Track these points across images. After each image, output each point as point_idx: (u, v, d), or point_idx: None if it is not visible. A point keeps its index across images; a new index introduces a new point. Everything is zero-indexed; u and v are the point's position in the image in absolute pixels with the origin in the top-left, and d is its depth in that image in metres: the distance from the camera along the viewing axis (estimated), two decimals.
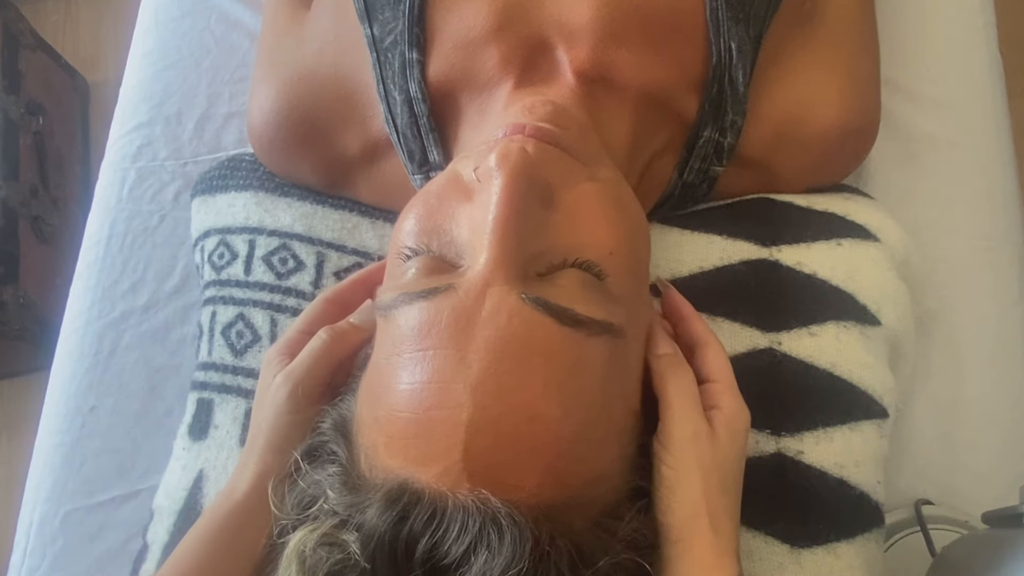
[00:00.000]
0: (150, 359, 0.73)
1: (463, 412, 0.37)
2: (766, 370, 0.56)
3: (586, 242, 0.42)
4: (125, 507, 0.69)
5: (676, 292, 0.54)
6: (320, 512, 0.41)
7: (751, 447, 0.55)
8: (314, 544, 0.39)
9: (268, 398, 0.50)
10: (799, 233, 0.60)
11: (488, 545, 0.35)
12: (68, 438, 0.71)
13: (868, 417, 0.56)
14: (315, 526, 0.40)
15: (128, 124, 0.82)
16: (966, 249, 0.70)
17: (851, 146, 0.63)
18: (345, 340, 0.50)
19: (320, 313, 0.54)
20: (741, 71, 0.55)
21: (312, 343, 0.50)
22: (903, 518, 0.63)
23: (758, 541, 0.53)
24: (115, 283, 0.76)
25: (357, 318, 0.52)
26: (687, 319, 0.52)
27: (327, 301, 0.55)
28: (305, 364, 0.49)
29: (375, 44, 0.57)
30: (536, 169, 0.42)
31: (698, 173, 0.60)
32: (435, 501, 0.37)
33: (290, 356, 0.51)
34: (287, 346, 0.52)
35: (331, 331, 0.50)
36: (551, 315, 0.38)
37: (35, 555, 0.69)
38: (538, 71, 0.54)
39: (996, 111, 0.74)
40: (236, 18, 0.85)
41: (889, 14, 0.73)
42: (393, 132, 0.59)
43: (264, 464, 0.48)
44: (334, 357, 0.50)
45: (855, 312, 0.58)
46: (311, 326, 0.53)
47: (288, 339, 0.53)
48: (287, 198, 0.66)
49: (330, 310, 0.54)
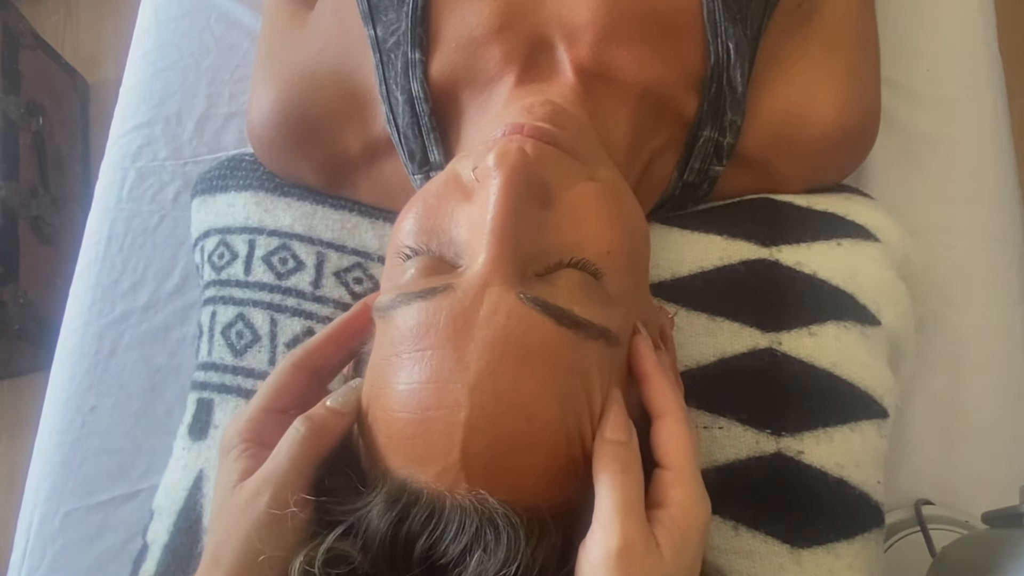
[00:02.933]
0: (150, 359, 0.73)
1: (461, 412, 0.37)
2: (766, 370, 0.56)
3: (584, 241, 0.42)
4: (125, 507, 0.69)
5: (644, 343, 0.44)
6: (322, 524, 0.40)
7: (751, 447, 0.55)
8: (321, 563, 0.37)
9: (236, 508, 0.40)
10: (799, 233, 0.60)
11: (484, 545, 0.36)
12: (68, 438, 0.71)
13: (868, 417, 0.56)
14: (318, 540, 0.38)
15: (128, 124, 0.82)
16: (966, 249, 0.70)
17: (851, 146, 0.63)
18: (326, 433, 0.41)
19: (288, 383, 0.46)
20: (739, 71, 0.56)
21: (288, 440, 0.41)
22: (903, 518, 0.64)
23: (758, 541, 0.53)
24: (115, 283, 0.76)
25: (338, 401, 0.42)
26: (647, 380, 0.43)
27: (295, 367, 0.46)
28: (282, 468, 0.40)
29: (378, 45, 0.57)
30: (534, 169, 0.42)
31: (698, 173, 0.60)
32: (433, 501, 0.37)
33: (254, 442, 0.43)
34: (250, 428, 0.43)
35: (308, 423, 0.41)
36: (549, 315, 0.38)
37: (35, 555, 0.69)
38: (539, 69, 0.54)
39: (996, 111, 0.75)
40: (236, 18, 0.85)
41: (889, 14, 0.73)
42: (394, 132, 0.59)
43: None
44: (315, 456, 0.41)
45: (855, 312, 0.58)
46: (277, 400, 0.45)
47: (251, 418, 0.44)
48: (287, 198, 0.66)
49: (299, 378, 0.46)
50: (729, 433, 0.55)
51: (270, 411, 0.44)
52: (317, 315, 0.62)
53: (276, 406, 0.45)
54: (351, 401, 0.42)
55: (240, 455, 0.42)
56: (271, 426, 0.43)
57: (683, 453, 0.40)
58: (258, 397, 0.45)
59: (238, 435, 0.43)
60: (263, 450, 0.42)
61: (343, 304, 0.63)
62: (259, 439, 0.43)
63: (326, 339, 0.47)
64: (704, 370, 0.57)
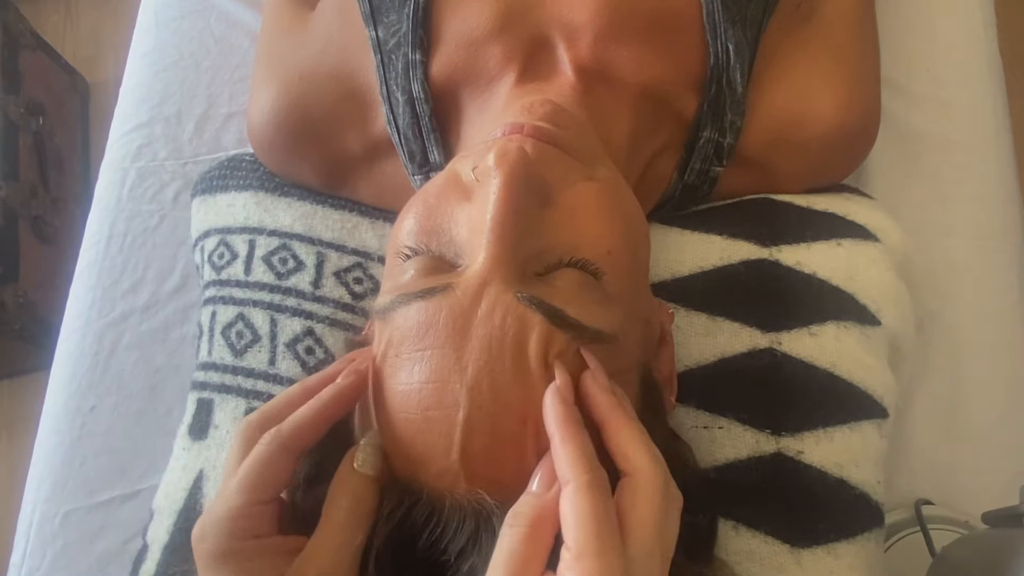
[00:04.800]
0: (150, 359, 0.73)
1: (459, 412, 0.37)
2: (766, 370, 0.56)
3: (583, 241, 0.42)
4: (125, 507, 0.69)
5: (593, 384, 0.38)
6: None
7: (751, 447, 0.55)
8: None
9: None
10: (799, 233, 0.60)
11: (480, 546, 0.36)
12: (68, 438, 0.71)
13: (868, 417, 0.56)
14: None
15: (128, 124, 0.82)
16: (966, 249, 0.70)
17: (851, 146, 0.63)
18: (365, 504, 0.38)
19: (276, 471, 0.38)
20: (739, 72, 0.56)
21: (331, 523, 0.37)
22: (903, 518, 0.64)
23: (758, 541, 0.53)
24: (115, 283, 0.76)
25: (367, 465, 0.38)
26: (607, 428, 0.37)
27: (285, 450, 0.38)
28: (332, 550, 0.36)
29: (379, 46, 0.58)
30: (534, 168, 0.42)
31: (698, 174, 0.60)
32: (433, 502, 0.37)
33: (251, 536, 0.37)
34: (244, 528, 0.37)
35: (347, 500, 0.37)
36: (544, 314, 0.38)
37: (35, 555, 0.69)
38: (539, 69, 0.54)
39: (996, 111, 0.75)
40: (236, 18, 0.85)
41: (889, 14, 0.73)
42: (395, 132, 0.59)
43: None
44: (358, 537, 0.37)
45: (855, 312, 0.58)
46: (265, 493, 0.38)
47: (240, 516, 0.37)
48: (287, 198, 0.66)
49: (288, 464, 0.39)
50: (729, 433, 0.55)
51: (258, 504, 0.37)
52: (317, 315, 0.62)
53: (264, 499, 0.38)
54: (378, 463, 0.38)
55: (252, 554, 0.37)
56: (259, 519, 0.38)
57: (591, 530, 0.32)
58: (240, 488, 0.37)
59: (232, 537, 0.37)
60: (264, 543, 0.38)
61: (343, 304, 0.63)
62: (256, 533, 0.37)
63: (317, 415, 0.39)
64: (704, 370, 0.57)
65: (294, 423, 0.39)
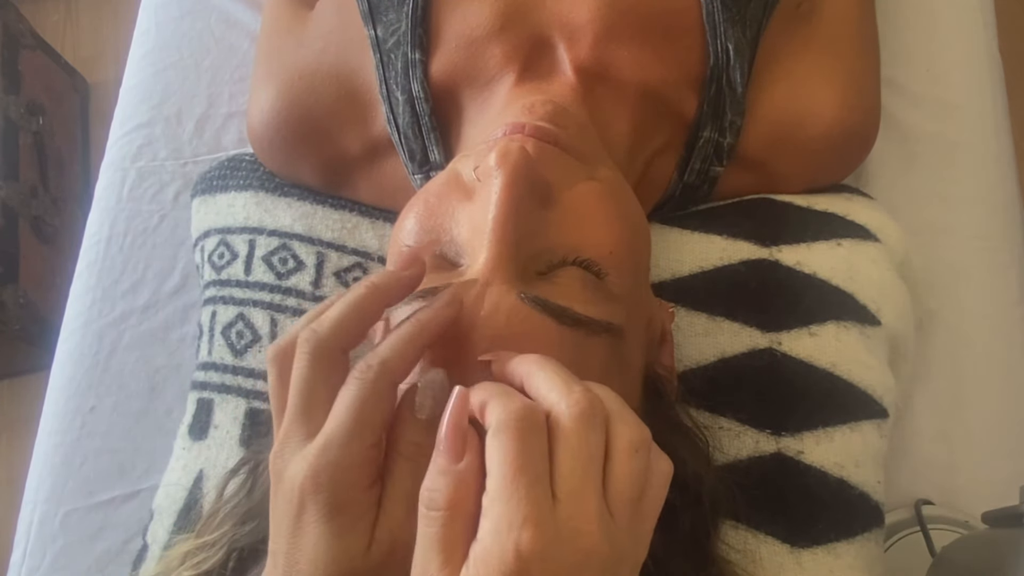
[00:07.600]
0: (150, 359, 0.73)
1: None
2: (766, 370, 0.56)
3: (586, 241, 0.42)
4: (125, 507, 0.69)
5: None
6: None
7: (751, 447, 0.55)
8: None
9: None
10: (799, 233, 0.60)
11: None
12: (68, 438, 0.71)
13: (868, 417, 0.56)
14: None
15: (128, 124, 0.82)
16: (966, 249, 0.70)
17: (851, 146, 0.63)
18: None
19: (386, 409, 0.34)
20: (739, 72, 0.56)
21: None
22: (903, 518, 0.63)
23: (758, 541, 0.53)
24: (115, 283, 0.76)
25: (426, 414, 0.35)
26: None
27: (393, 385, 0.35)
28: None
29: (378, 45, 0.58)
30: (536, 168, 0.42)
31: (698, 174, 0.60)
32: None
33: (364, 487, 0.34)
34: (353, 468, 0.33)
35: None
36: (549, 314, 0.38)
37: (35, 555, 0.69)
38: (539, 69, 0.54)
39: (996, 111, 0.75)
40: (236, 18, 0.85)
41: (889, 14, 0.73)
42: (395, 132, 0.59)
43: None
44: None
45: (855, 312, 0.58)
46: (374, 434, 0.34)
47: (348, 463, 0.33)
48: (287, 198, 0.66)
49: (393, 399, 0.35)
50: (729, 433, 0.55)
51: (372, 448, 0.33)
52: None
53: (374, 441, 0.33)
54: (436, 407, 0.35)
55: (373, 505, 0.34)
56: (374, 465, 0.34)
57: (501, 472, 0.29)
58: (352, 431, 0.33)
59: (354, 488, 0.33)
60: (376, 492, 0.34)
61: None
62: (372, 481, 0.34)
63: (418, 341, 0.35)
64: (704, 370, 0.57)
65: (396, 352, 0.34)
